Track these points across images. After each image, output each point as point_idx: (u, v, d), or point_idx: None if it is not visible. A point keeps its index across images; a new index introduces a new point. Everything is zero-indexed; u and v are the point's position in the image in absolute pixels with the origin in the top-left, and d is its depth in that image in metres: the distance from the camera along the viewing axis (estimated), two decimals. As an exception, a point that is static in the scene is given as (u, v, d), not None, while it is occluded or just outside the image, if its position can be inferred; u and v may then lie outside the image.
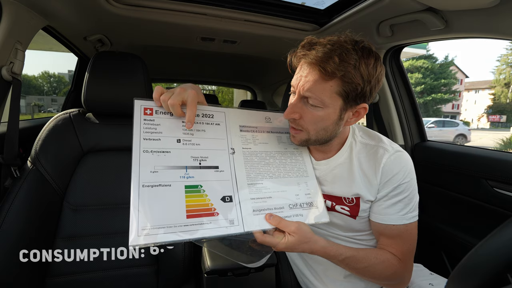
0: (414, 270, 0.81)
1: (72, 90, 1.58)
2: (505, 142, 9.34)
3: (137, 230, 0.51)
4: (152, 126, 0.60)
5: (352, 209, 0.72)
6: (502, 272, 0.39)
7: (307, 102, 0.63)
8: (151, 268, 0.92)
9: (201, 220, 0.56)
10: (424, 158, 1.19)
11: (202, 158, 0.62)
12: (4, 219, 0.76)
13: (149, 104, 0.61)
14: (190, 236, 0.54)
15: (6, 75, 0.80)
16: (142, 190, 0.54)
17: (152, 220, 0.53)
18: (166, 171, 0.57)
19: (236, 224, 0.59)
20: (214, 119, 0.67)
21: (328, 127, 0.66)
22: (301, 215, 0.66)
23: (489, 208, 0.94)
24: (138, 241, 0.51)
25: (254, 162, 0.68)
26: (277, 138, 0.74)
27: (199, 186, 0.59)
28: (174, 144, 0.60)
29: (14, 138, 0.83)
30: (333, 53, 0.58)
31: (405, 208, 0.68)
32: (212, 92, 8.39)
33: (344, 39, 0.61)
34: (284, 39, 1.22)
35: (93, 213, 0.91)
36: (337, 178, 0.73)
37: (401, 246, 0.69)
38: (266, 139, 0.72)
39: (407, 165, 0.69)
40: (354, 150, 0.73)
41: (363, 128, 0.80)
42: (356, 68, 0.58)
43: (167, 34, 1.23)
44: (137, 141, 0.57)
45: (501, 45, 70.16)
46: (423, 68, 24.64)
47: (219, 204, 0.59)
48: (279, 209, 0.64)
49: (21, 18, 0.82)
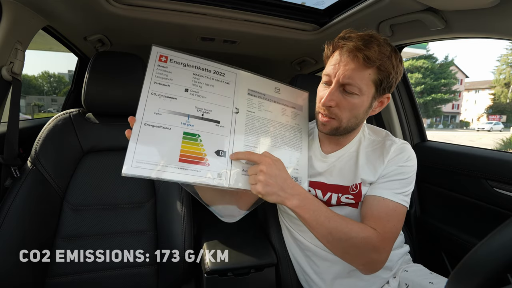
0: (414, 270, 0.81)
1: (72, 90, 1.58)
2: (505, 142, 9.34)
3: (132, 161, 0.55)
4: (164, 72, 0.62)
5: (356, 196, 0.75)
6: (502, 272, 0.39)
7: (343, 90, 0.67)
8: (151, 268, 0.92)
9: (191, 166, 0.59)
10: (424, 158, 1.18)
11: (206, 110, 0.64)
12: (4, 219, 0.76)
13: (166, 52, 0.64)
14: (176, 177, 0.58)
15: (6, 75, 0.80)
16: (144, 127, 0.58)
17: (146, 155, 0.56)
18: (169, 115, 0.60)
19: (223, 178, 0.62)
20: (224, 78, 0.69)
21: (359, 115, 0.70)
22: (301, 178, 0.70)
23: (489, 208, 0.94)
24: (130, 171, 0.55)
25: (254, 126, 0.70)
26: (282, 109, 0.76)
27: (197, 135, 0.62)
28: (181, 92, 0.63)
29: (14, 138, 0.83)
30: (373, 43, 0.63)
31: (400, 188, 0.71)
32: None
33: (376, 34, 0.66)
34: (284, 39, 1.22)
35: (93, 213, 0.91)
36: (345, 169, 0.77)
37: (384, 224, 0.68)
38: (271, 108, 0.74)
39: (411, 153, 0.74)
40: (363, 144, 0.78)
41: (371, 127, 0.84)
42: (389, 59, 0.64)
43: (167, 34, 1.23)
44: (148, 82, 0.61)
45: (501, 45, 70.23)
46: (423, 68, 24.65)
47: (212, 156, 0.62)
48: None
49: (21, 18, 0.82)
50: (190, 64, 0.65)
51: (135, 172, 0.55)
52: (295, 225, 0.86)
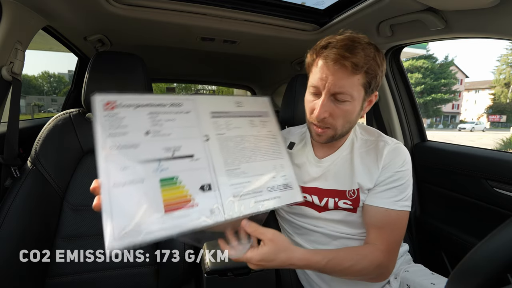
0: (415, 270, 0.81)
1: (72, 90, 1.58)
2: (505, 142, 9.34)
3: (112, 233, 0.48)
4: (116, 120, 0.56)
5: (354, 202, 0.74)
6: (502, 272, 0.39)
7: (335, 99, 0.66)
8: (151, 268, 0.92)
9: (179, 213, 0.53)
10: (424, 158, 1.18)
11: (175, 148, 0.59)
12: (4, 219, 0.76)
13: (111, 98, 0.58)
14: (168, 232, 0.51)
15: (6, 75, 0.80)
16: (113, 191, 0.51)
17: (127, 221, 0.49)
18: (137, 166, 0.54)
19: (217, 213, 0.57)
20: (183, 108, 0.64)
21: (353, 119, 0.70)
22: (279, 197, 0.65)
23: (489, 208, 0.94)
24: (114, 245, 0.48)
25: (230, 147, 0.66)
26: (250, 122, 0.73)
27: (175, 178, 0.56)
28: (142, 136, 0.57)
29: (14, 138, 0.83)
30: (357, 48, 0.62)
31: (399, 195, 0.70)
32: (212, 92, 8.40)
33: (355, 36, 0.66)
34: (284, 39, 1.22)
35: (93, 213, 0.89)
36: (340, 173, 0.76)
37: (388, 235, 0.69)
38: (239, 123, 0.71)
39: (406, 155, 0.73)
40: (356, 145, 0.77)
41: (362, 126, 0.83)
42: (375, 60, 0.64)
43: (167, 34, 1.23)
44: (102, 138, 0.54)
45: (501, 45, 70.19)
46: (423, 68, 24.66)
47: (198, 194, 0.57)
48: (258, 193, 0.63)
49: (21, 18, 0.82)
50: (142, 104, 0.60)
51: (120, 245, 0.48)
52: (293, 229, 0.86)
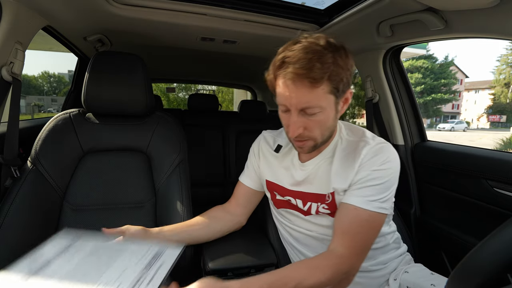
0: (414, 271, 0.80)
1: (72, 90, 1.58)
2: (505, 142, 9.34)
3: None
4: None
5: (330, 206, 0.73)
6: (502, 272, 0.39)
7: (305, 113, 0.64)
8: (151, 268, 0.92)
9: None
10: (424, 158, 1.18)
11: None
12: (4, 219, 0.76)
13: None
14: None
15: (6, 75, 0.80)
16: None
17: None
18: None
19: None
20: None
21: (330, 125, 0.68)
22: (164, 262, 0.62)
23: (489, 208, 0.94)
24: None
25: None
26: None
27: None
28: None
29: (14, 138, 0.83)
30: (312, 61, 0.58)
31: (376, 195, 0.66)
32: (212, 92, 8.39)
33: (309, 44, 0.61)
34: (284, 39, 1.21)
35: (93, 213, 0.91)
36: (322, 176, 0.74)
37: (353, 238, 0.65)
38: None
39: (389, 155, 0.68)
40: (339, 147, 0.74)
41: (349, 125, 0.80)
42: (335, 64, 0.60)
43: (167, 34, 1.23)
44: None
45: (501, 45, 70.19)
46: (423, 68, 24.66)
47: None
48: (140, 279, 0.57)
49: (21, 18, 0.82)
50: None
51: None
52: (288, 233, 0.86)
